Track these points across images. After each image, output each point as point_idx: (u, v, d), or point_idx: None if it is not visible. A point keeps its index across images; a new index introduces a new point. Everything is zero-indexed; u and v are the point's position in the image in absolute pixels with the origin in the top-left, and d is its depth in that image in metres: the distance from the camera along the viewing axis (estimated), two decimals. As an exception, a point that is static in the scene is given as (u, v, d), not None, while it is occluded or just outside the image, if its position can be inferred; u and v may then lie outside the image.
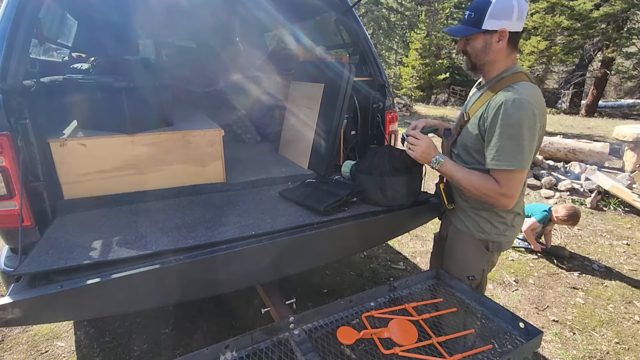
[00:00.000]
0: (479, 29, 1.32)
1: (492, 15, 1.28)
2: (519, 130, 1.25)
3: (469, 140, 1.44)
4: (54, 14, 2.50)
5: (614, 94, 21.40)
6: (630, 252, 3.42)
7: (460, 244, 1.60)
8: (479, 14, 1.30)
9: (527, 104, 1.24)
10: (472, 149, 1.44)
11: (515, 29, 1.32)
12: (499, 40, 1.32)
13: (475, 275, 1.58)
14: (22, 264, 1.22)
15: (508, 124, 1.26)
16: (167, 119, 2.05)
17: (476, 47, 1.37)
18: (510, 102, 1.25)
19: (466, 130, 1.45)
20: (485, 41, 1.34)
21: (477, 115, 1.39)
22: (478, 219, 1.52)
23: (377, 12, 15.27)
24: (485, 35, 1.33)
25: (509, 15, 1.28)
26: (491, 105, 1.32)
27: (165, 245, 1.36)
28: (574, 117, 13.71)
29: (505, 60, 1.38)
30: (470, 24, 1.34)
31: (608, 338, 2.30)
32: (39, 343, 2.18)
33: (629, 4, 12.64)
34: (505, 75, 1.36)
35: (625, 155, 6.06)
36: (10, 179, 1.44)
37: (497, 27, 1.30)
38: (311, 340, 1.17)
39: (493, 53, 1.36)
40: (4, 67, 1.45)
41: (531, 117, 1.25)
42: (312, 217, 1.65)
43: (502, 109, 1.26)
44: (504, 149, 1.27)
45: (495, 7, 1.27)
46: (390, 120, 2.40)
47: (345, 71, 2.14)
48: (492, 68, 1.40)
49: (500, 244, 1.53)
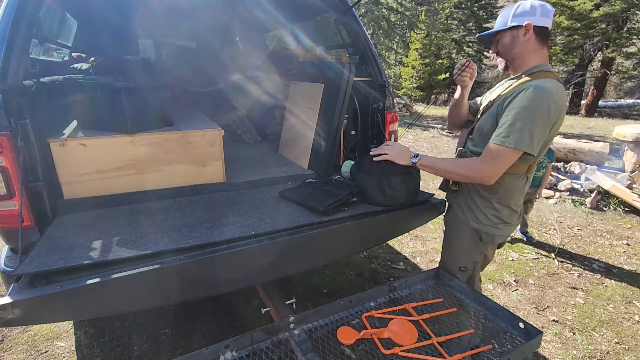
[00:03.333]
0: (506, 27, 1.42)
1: (516, 15, 1.40)
2: (531, 114, 1.28)
3: (485, 123, 1.48)
4: (54, 14, 2.50)
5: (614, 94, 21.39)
6: (630, 252, 3.42)
7: (456, 232, 1.65)
8: (505, 16, 1.43)
9: (549, 93, 1.28)
10: (487, 133, 1.45)
11: (541, 23, 1.38)
12: (525, 33, 1.39)
13: (467, 267, 1.60)
14: (22, 264, 1.22)
15: (523, 105, 1.29)
16: (167, 119, 2.05)
17: (505, 42, 1.45)
18: (533, 87, 1.29)
19: (487, 114, 1.49)
20: (512, 36, 1.42)
21: (498, 102, 1.43)
22: (474, 207, 1.55)
23: (377, 12, 15.27)
24: (512, 31, 1.42)
25: (532, 12, 1.38)
26: (514, 90, 1.37)
27: (165, 245, 1.36)
28: (574, 117, 13.70)
29: (534, 55, 1.42)
30: (498, 26, 1.46)
31: (608, 338, 2.30)
32: (39, 343, 2.18)
33: (629, 4, 12.62)
34: (535, 71, 1.40)
35: (625, 155, 6.06)
36: (10, 179, 1.44)
37: (522, 22, 1.38)
38: (311, 340, 1.17)
39: (520, 46, 1.41)
40: (4, 67, 1.45)
41: (548, 106, 1.28)
42: (312, 217, 1.65)
43: (523, 93, 1.31)
44: (512, 128, 1.30)
45: (519, 8, 1.40)
46: (390, 120, 2.40)
47: (345, 71, 2.14)
48: (523, 62, 1.44)
49: (493, 236, 1.55)
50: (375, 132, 2.46)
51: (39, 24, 1.80)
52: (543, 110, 1.28)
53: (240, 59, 3.70)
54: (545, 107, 1.28)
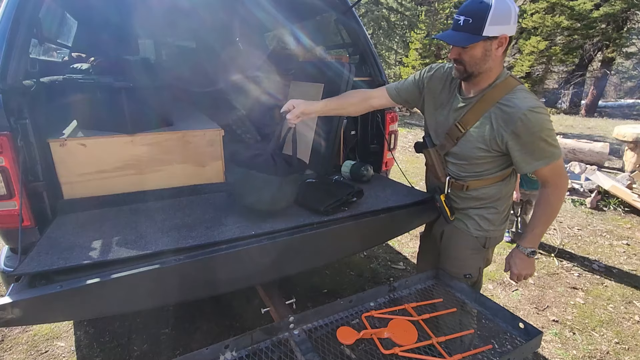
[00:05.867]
0: (480, 36, 1.22)
1: (493, 21, 1.20)
2: (546, 131, 1.27)
3: (473, 153, 1.42)
4: (54, 14, 2.51)
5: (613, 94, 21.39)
6: (630, 252, 3.42)
7: (456, 243, 1.61)
8: (478, 20, 1.21)
9: (539, 108, 1.27)
10: (478, 160, 1.43)
11: (512, 33, 1.27)
12: (499, 46, 1.27)
13: (472, 274, 1.59)
14: (21, 263, 1.22)
15: (534, 131, 1.27)
16: (167, 119, 2.05)
17: (475, 55, 1.28)
18: (527, 112, 1.25)
19: (466, 143, 1.42)
20: (485, 48, 1.26)
21: (481, 129, 1.36)
22: (478, 217, 1.53)
23: (377, 12, 15.26)
24: (485, 43, 1.25)
25: (507, 19, 1.22)
26: (501, 118, 1.31)
27: (165, 245, 1.36)
28: (573, 117, 13.71)
29: (498, 67, 1.34)
30: (468, 31, 1.23)
31: (608, 338, 2.30)
32: (39, 343, 2.18)
33: (629, 4, 12.63)
34: (497, 82, 1.34)
35: (625, 155, 6.06)
36: (10, 179, 1.43)
37: (498, 32, 1.23)
38: (311, 340, 1.17)
39: (492, 60, 1.29)
40: (3, 67, 1.45)
41: (547, 115, 1.28)
42: (312, 217, 1.65)
43: (524, 121, 1.26)
44: (542, 151, 1.29)
45: (495, 12, 1.19)
46: (390, 120, 2.41)
47: (345, 71, 2.14)
48: (487, 76, 1.34)
49: (495, 239, 1.57)
50: (375, 132, 2.46)
51: (39, 24, 1.80)
52: (548, 120, 1.28)
53: (240, 59, 3.69)
54: (548, 118, 1.29)
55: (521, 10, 16.16)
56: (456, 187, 1.53)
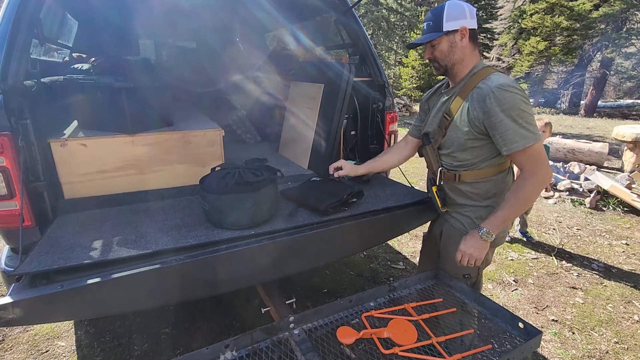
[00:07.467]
0: (441, 32, 1.41)
1: (449, 18, 1.39)
2: (517, 111, 1.30)
3: (460, 138, 1.47)
4: (54, 15, 2.50)
5: (613, 94, 21.40)
6: (630, 252, 3.43)
7: (455, 243, 1.59)
8: (436, 20, 1.41)
9: (510, 87, 1.31)
10: (466, 145, 1.46)
11: (472, 25, 1.42)
12: (462, 37, 1.42)
13: (471, 274, 1.59)
14: (22, 263, 1.22)
15: (504, 109, 1.30)
16: (167, 119, 2.06)
17: (443, 49, 1.45)
18: (496, 89, 1.31)
19: (453, 129, 1.48)
20: (450, 41, 1.43)
21: (463, 111, 1.43)
22: (475, 217, 1.54)
23: (377, 12, 15.26)
24: (449, 36, 1.42)
25: (462, 14, 1.40)
26: (475, 97, 1.38)
27: (166, 245, 1.36)
28: (573, 117, 13.72)
29: (471, 58, 1.46)
30: (432, 31, 1.44)
31: (607, 338, 2.30)
32: (40, 343, 2.19)
33: (629, 4, 12.65)
34: (475, 71, 1.44)
35: (625, 155, 6.07)
36: (10, 179, 1.44)
37: (457, 26, 1.40)
38: (311, 339, 1.17)
39: (460, 51, 1.44)
40: (4, 68, 1.45)
41: (520, 96, 1.32)
42: (312, 217, 1.65)
43: (492, 98, 1.32)
44: (514, 132, 1.31)
45: (449, 10, 1.39)
46: (390, 121, 2.41)
47: (345, 71, 2.15)
48: (462, 67, 1.47)
49: (495, 239, 1.54)
50: (375, 132, 2.47)
51: (40, 25, 1.80)
52: (522, 100, 1.31)
53: (241, 59, 3.70)
54: (521, 97, 1.31)
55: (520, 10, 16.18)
56: (449, 177, 1.57)
